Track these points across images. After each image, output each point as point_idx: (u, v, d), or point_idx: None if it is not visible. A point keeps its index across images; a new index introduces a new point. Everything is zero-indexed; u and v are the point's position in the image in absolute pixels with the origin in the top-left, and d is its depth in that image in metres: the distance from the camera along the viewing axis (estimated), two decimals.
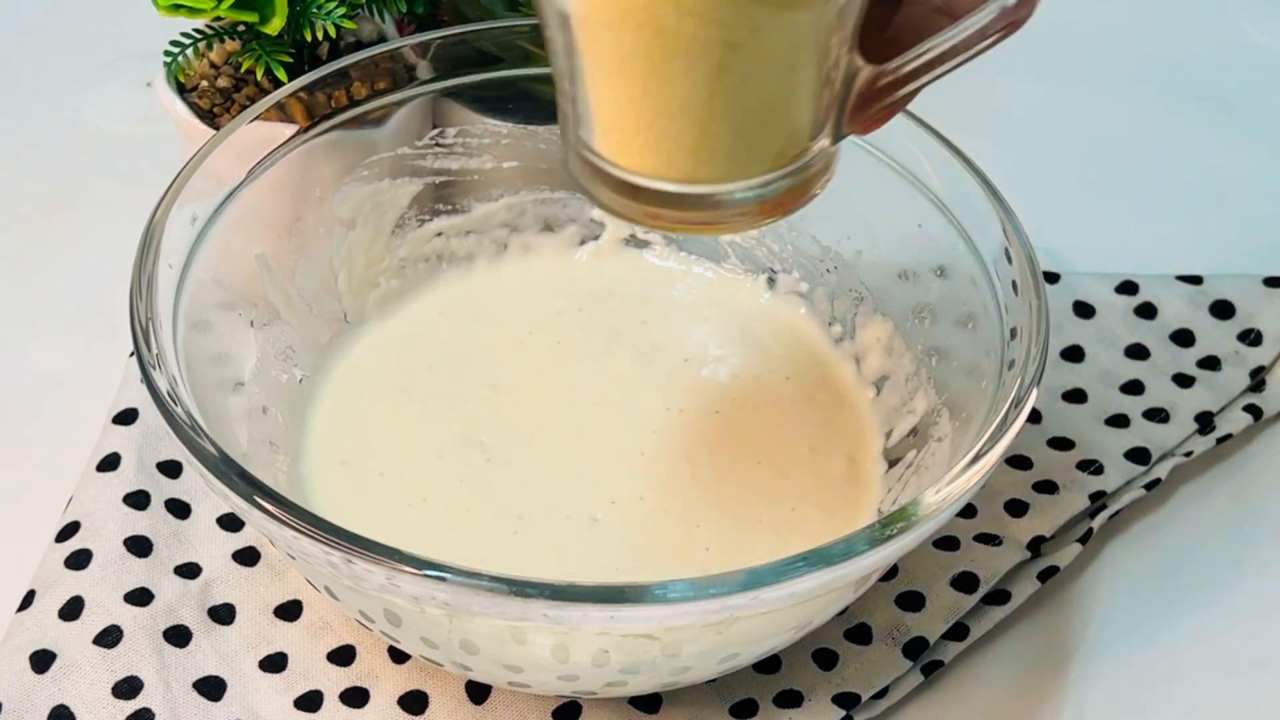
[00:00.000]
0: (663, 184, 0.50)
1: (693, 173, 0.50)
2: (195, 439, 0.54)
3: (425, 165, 0.70)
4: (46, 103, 0.86)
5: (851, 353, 0.69)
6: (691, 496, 0.63)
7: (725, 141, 0.49)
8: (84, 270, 0.77)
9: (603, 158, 0.51)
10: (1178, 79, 0.91)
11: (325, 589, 0.57)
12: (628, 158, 0.51)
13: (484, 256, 0.72)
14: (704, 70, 0.47)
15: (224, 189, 0.63)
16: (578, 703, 0.60)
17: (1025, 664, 0.63)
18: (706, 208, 0.51)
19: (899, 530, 0.52)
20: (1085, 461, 0.68)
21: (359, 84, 0.67)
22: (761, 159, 0.50)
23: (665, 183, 0.50)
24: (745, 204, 0.51)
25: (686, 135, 0.49)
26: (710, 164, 0.50)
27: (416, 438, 0.65)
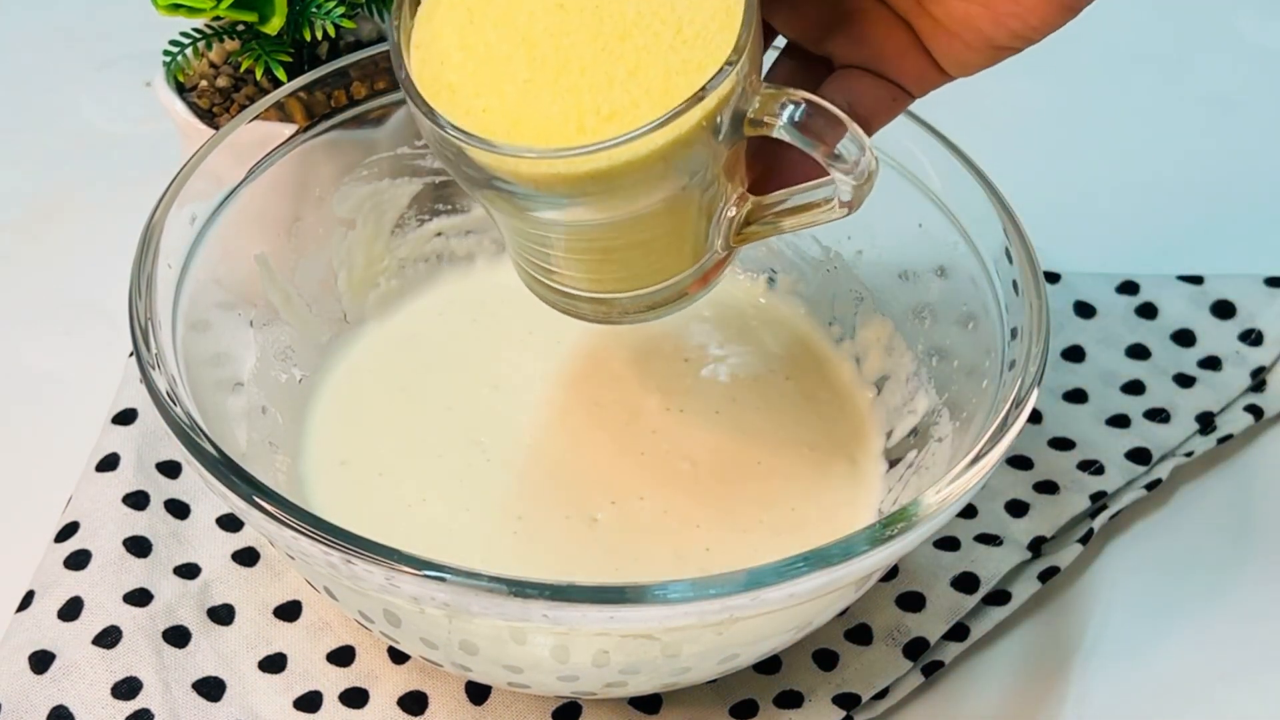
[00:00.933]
0: (591, 294, 0.57)
1: (615, 289, 0.57)
2: (194, 439, 0.54)
3: (425, 165, 0.70)
4: (46, 103, 0.86)
5: (851, 353, 0.69)
6: (691, 496, 0.63)
7: (635, 270, 0.56)
8: (84, 270, 0.77)
9: (539, 273, 0.58)
10: (1178, 79, 0.91)
11: (325, 589, 0.56)
12: (553, 279, 0.57)
13: (484, 256, 0.72)
14: (600, 250, 0.55)
15: (223, 189, 0.63)
16: (578, 703, 0.60)
17: (1026, 664, 0.63)
18: (620, 307, 0.58)
19: (899, 530, 0.52)
20: (1086, 462, 0.68)
21: (358, 84, 0.67)
22: (664, 273, 0.57)
23: (593, 293, 0.57)
24: (656, 299, 0.58)
25: (601, 274, 0.56)
26: (627, 283, 0.57)
27: (416, 438, 0.65)
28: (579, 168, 0.50)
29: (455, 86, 0.51)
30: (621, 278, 0.57)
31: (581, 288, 0.57)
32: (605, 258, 0.56)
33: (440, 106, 0.51)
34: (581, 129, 0.49)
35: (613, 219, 0.53)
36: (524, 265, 0.58)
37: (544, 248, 0.56)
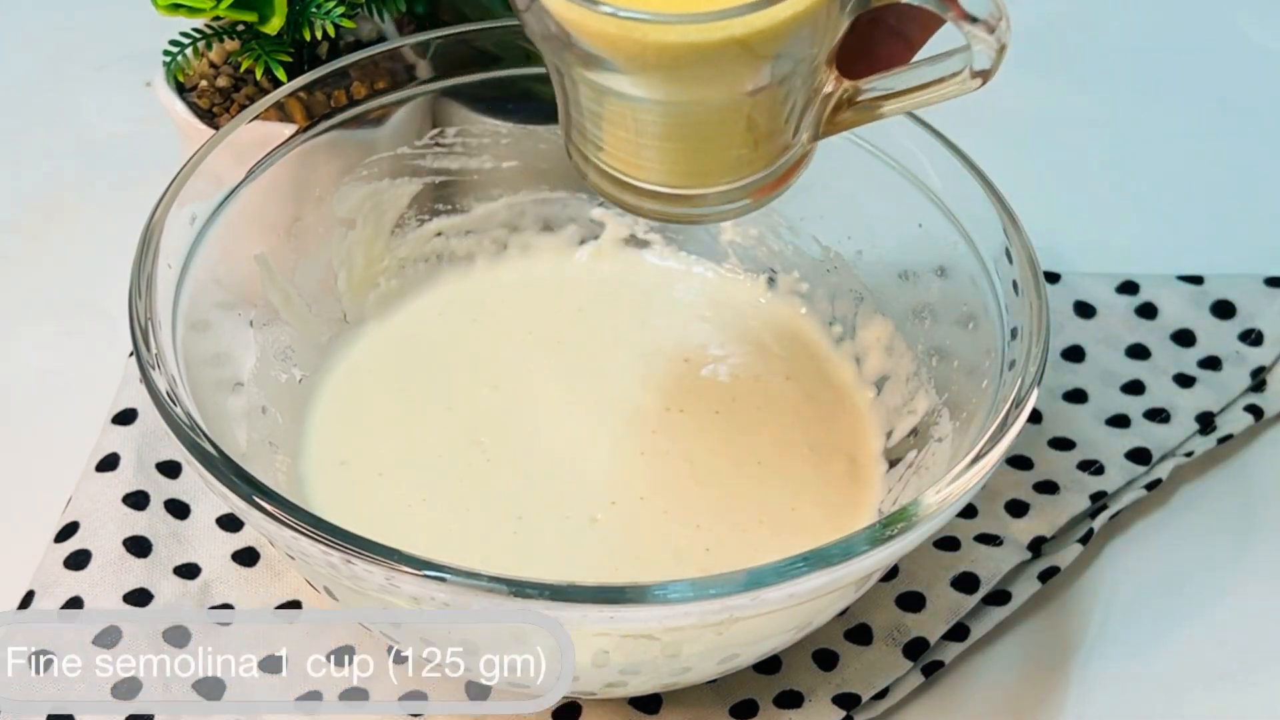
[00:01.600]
0: (663, 188, 0.55)
1: (695, 182, 0.54)
2: (195, 439, 0.54)
3: (425, 165, 0.70)
4: (46, 103, 0.86)
5: (851, 353, 0.69)
6: (691, 496, 0.63)
7: (720, 160, 0.54)
8: (84, 270, 0.77)
9: (608, 165, 0.55)
10: (1178, 79, 0.91)
11: (325, 589, 0.56)
12: (633, 170, 0.55)
13: (484, 256, 0.72)
14: (699, 121, 0.52)
15: (223, 189, 0.63)
16: (578, 703, 0.60)
17: (1025, 664, 0.63)
18: (704, 203, 0.55)
19: (899, 530, 0.52)
20: (1086, 462, 0.68)
21: (358, 84, 0.67)
22: (752, 165, 0.54)
23: (670, 188, 0.55)
24: (744, 192, 0.55)
25: (685, 160, 0.54)
26: (710, 174, 0.54)
27: (416, 438, 0.65)
28: (714, 35, 0.48)
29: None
30: (710, 169, 0.54)
31: (658, 181, 0.55)
32: (701, 145, 0.53)
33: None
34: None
35: (727, 97, 0.51)
36: (601, 159, 0.55)
37: (632, 135, 0.53)
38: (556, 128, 0.70)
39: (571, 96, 0.54)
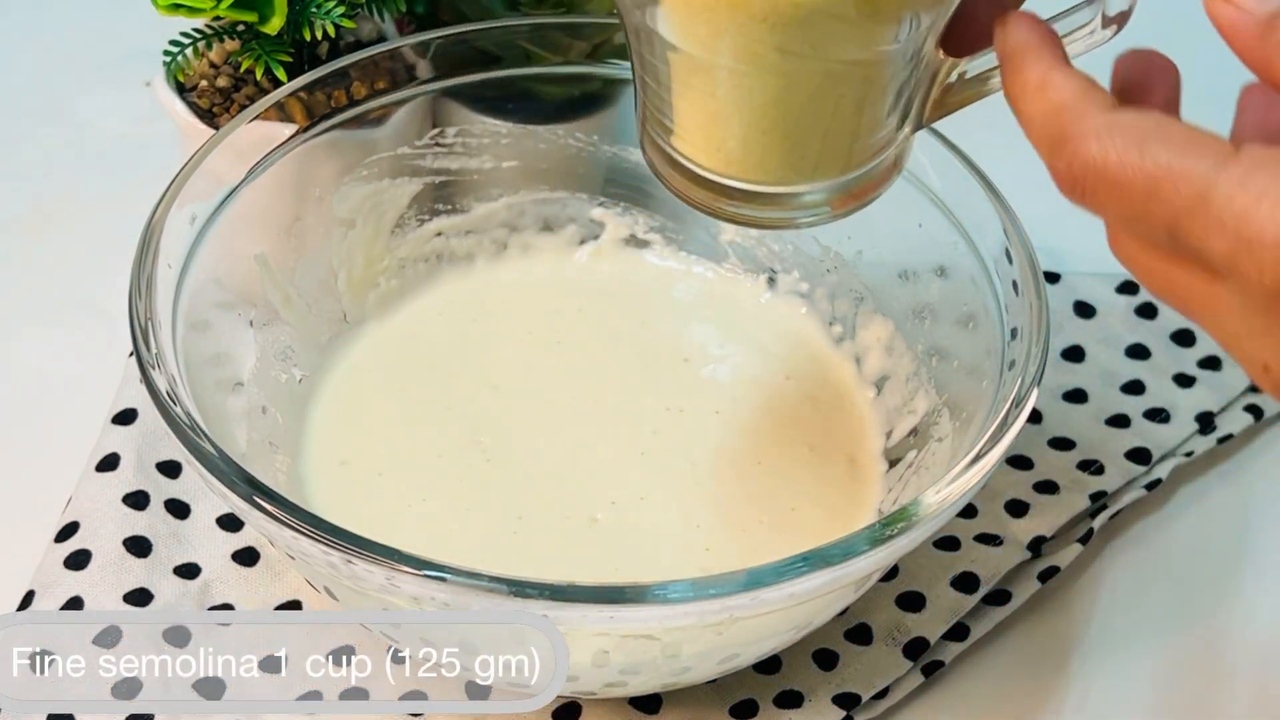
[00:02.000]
0: (749, 185, 0.51)
1: (780, 177, 0.51)
2: (195, 439, 0.54)
3: (425, 165, 0.70)
4: (46, 102, 0.86)
5: (851, 353, 0.69)
6: (691, 496, 0.63)
7: (815, 150, 0.50)
8: (84, 270, 0.77)
9: (687, 157, 0.52)
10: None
11: (325, 589, 0.56)
12: (713, 160, 0.51)
13: (484, 256, 0.72)
14: (798, 95, 0.49)
15: (223, 189, 0.63)
16: (577, 703, 0.60)
17: (1025, 664, 0.63)
18: (788, 206, 0.52)
19: (899, 530, 0.52)
20: (1086, 461, 0.68)
21: (359, 84, 0.67)
22: (849, 160, 0.51)
23: (752, 184, 0.51)
24: (825, 199, 0.52)
25: (775, 147, 0.50)
26: (799, 168, 0.51)
27: (416, 438, 0.65)
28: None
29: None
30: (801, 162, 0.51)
31: (742, 175, 0.51)
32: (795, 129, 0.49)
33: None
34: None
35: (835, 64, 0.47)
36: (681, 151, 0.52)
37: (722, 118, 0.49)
38: (557, 127, 0.71)
39: (655, 77, 0.50)
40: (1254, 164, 0.42)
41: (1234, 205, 0.42)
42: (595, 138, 0.71)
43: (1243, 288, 0.43)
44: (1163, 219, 0.44)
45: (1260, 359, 0.44)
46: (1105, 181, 0.44)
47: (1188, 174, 0.43)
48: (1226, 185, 0.42)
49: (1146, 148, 0.44)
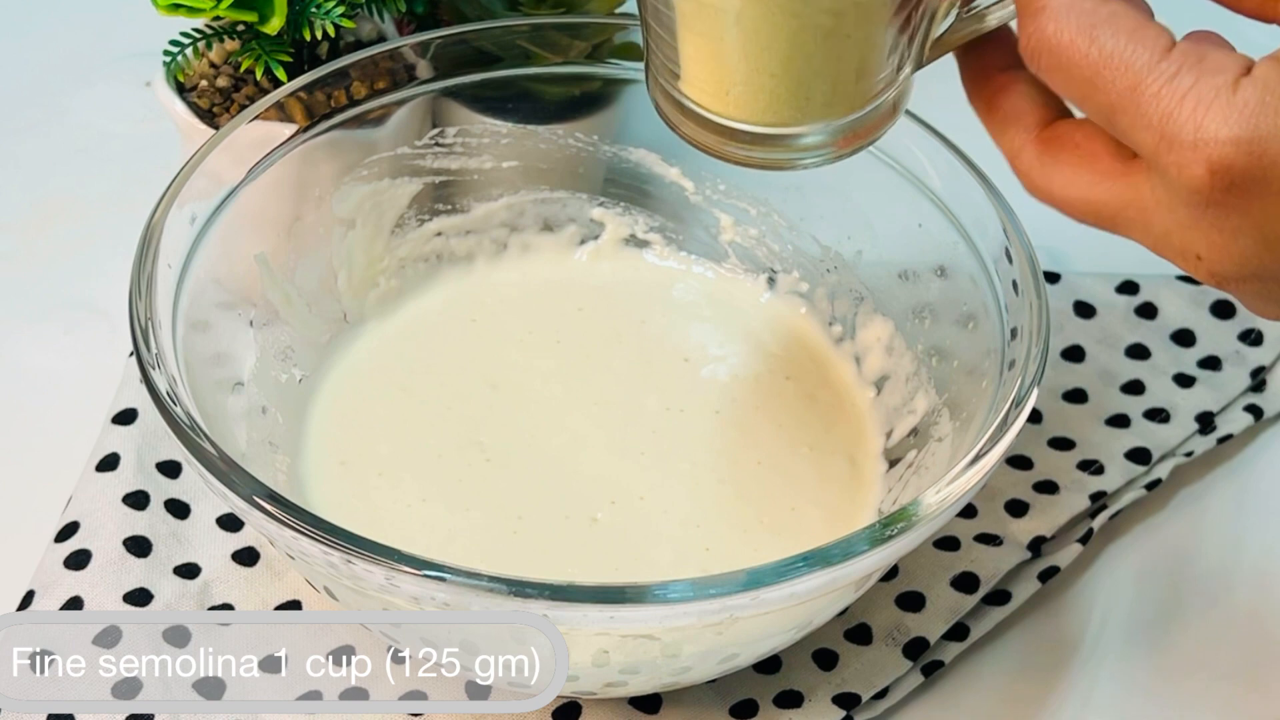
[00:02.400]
0: (756, 127, 0.52)
1: (787, 118, 0.52)
2: (195, 439, 0.54)
3: (425, 165, 0.70)
4: (46, 102, 0.86)
5: (851, 353, 0.69)
6: (691, 496, 0.63)
7: (819, 91, 0.51)
8: (84, 270, 0.77)
9: (695, 102, 0.53)
10: None
11: (325, 589, 0.56)
12: (722, 105, 0.52)
13: (484, 256, 0.72)
14: (807, 36, 0.50)
15: (223, 189, 0.63)
16: (578, 703, 0.60)
17: (1025, 664, 0.63)
18: (793, 148, 0.53)
19: (899, 530, 0.52)
20: (1086, 461, 0.68)
21: (359, 84, 0.67)
22: (852, 100, 0.52)
23: (759, 126, 0.52)
24: (829, 139, 0.53)
25: (783, 89, 0.51)
26: (805, 109, 0.52)
27: (416, 438, 0.65)
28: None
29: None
30: (804, 101, 0.52)
31: (746, 117, 0.52)
32: (798, 68, 0.50)
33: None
34: None
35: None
36: (685, 93, 0.53)
37: (727, 57, 0.50)
38: (557, 127, 0.71)
39: (662, 23, 0.51)
40: (1184, 61, 0.45)
41: (1159, 102, 0.44)
42: (595, 138, 0.71)
43: (1167, 182, 0.45)
44: (1102, 104, 0.46)
45: (1192, 250, 0.46)
46: (1056, 60, 0.46)
47: (1126, 64, 0.45)
48: (1156, 81, 0.44)
49: (1096, 32, 0.45)
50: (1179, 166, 0.44)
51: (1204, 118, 0.44)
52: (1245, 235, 0.45)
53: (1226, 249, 0.46)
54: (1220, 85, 0.44)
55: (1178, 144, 0.44)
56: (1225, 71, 0.45)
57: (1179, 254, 0.47)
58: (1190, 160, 0.44)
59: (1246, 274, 0.46)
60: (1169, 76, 0.44)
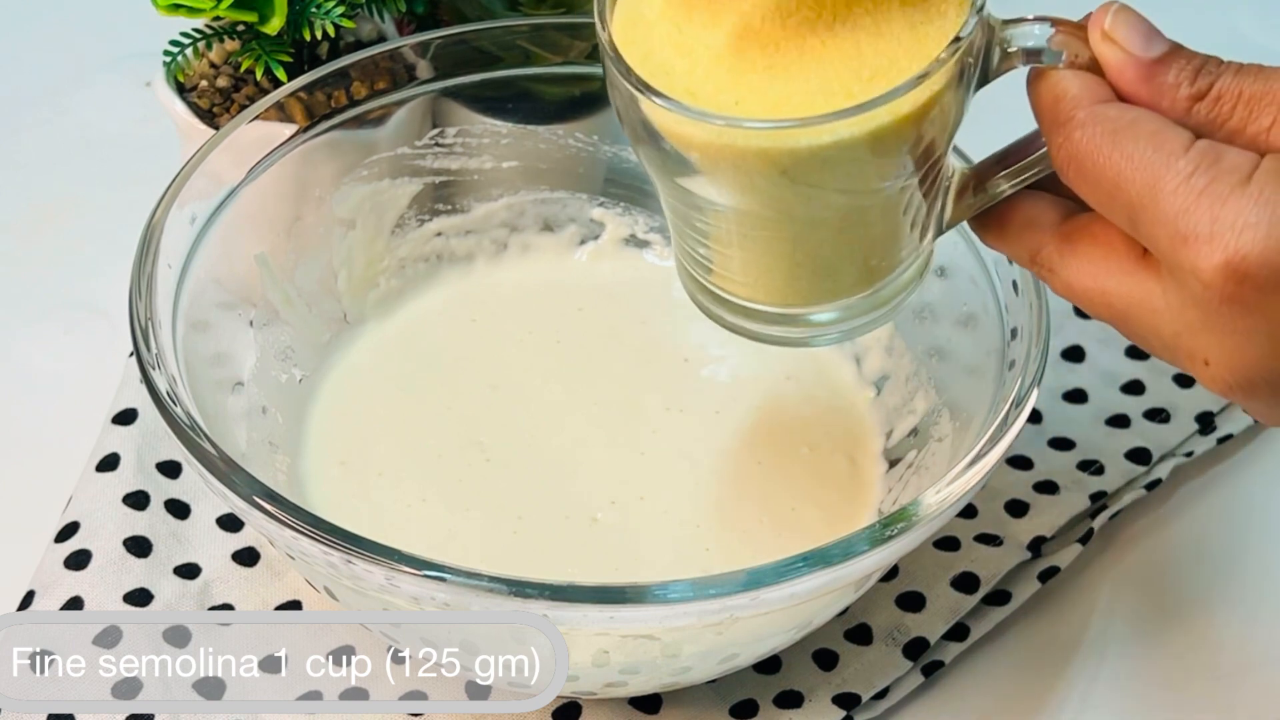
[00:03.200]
0: (779, 308, 0.54)
1: (809, 300, 0.54)
2: (195, 439, 0.54)
3: (425, 165, 0.70)
4: (46, 102, 0.86)
5: (851, 353, 0.69)
6: (691, 496, 0.63)
7: (843, 274, 0.53)
8: (84, 270, 0.77)
9: (720, 288, 0.55)
10: None
11: (325, 589, 0.56)
12: (746, 291, 0.54)
13: (484, 256, 0.72)
14: (823, 232, 0.51)
15: (223, 189, 0.63)
16: (578, 703, 0.60)
17: (1025, 664, 0.63)
18: (817, 325, 0.55)
19: (899, 530, 0.52)
20: (1086, 461, 0.68)
21: (359, 84, 0.67)
22: (874, 276, 0.53)
23: (781, 307, 0.54)
24: (853, 313, 0.54)
25: (805, 276, 0.53)
26: (828, 291, 0.53)
27: (416, 438, 0.65)
28: (861, 128, 0.47)
29: (695, 93, 0.48)
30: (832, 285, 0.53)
31: (775, 302, 0.54)
32: (824, 258, 0.52)
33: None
34: (849, 94, 0.47)
35: (870, 193, 0.50)
36: (714, 284, 0.55)
37: (749, 255, 0.52)
38: (557, 127, 0.71)
39: (689, 224, 0.53)
40: (1201, 160, 0.45)
41: (1176, 198, 0.45)
42: (595, 138, 0.71)
43: (1180, 281, 0.46)
44: (1124, 205, 0.46)
45: (1200, 354, 0.46)
46: (1082, 167, 0.47)
47: (1145, 164, 0.45)
48: (1173, 179, 0.45)
49: (1119, 138, 0.46)
50: (1193, 261, 0.44)
51: (1219, 212, 0.44)
52: (1259, 336, 0.45)
53: (1238, 352, 0.46)
54: (1235, 181, 0.44)
55: (1192, 238, 0.44)
56: (1240, 169, 0.45)
57: (1188, 358, 0.47)
58: (1204, 254, 0.44)
59: (1258, 380, 0.46)
60: (1185, 175, 0.45)
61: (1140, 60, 0.47)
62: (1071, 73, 0.48)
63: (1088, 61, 0.48)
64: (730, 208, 0.50)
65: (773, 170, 0.48)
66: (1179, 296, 0.46)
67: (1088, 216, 0.49)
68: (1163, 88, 0.47)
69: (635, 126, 0.50)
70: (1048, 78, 0.49)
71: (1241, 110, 0.47)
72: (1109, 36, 0.48)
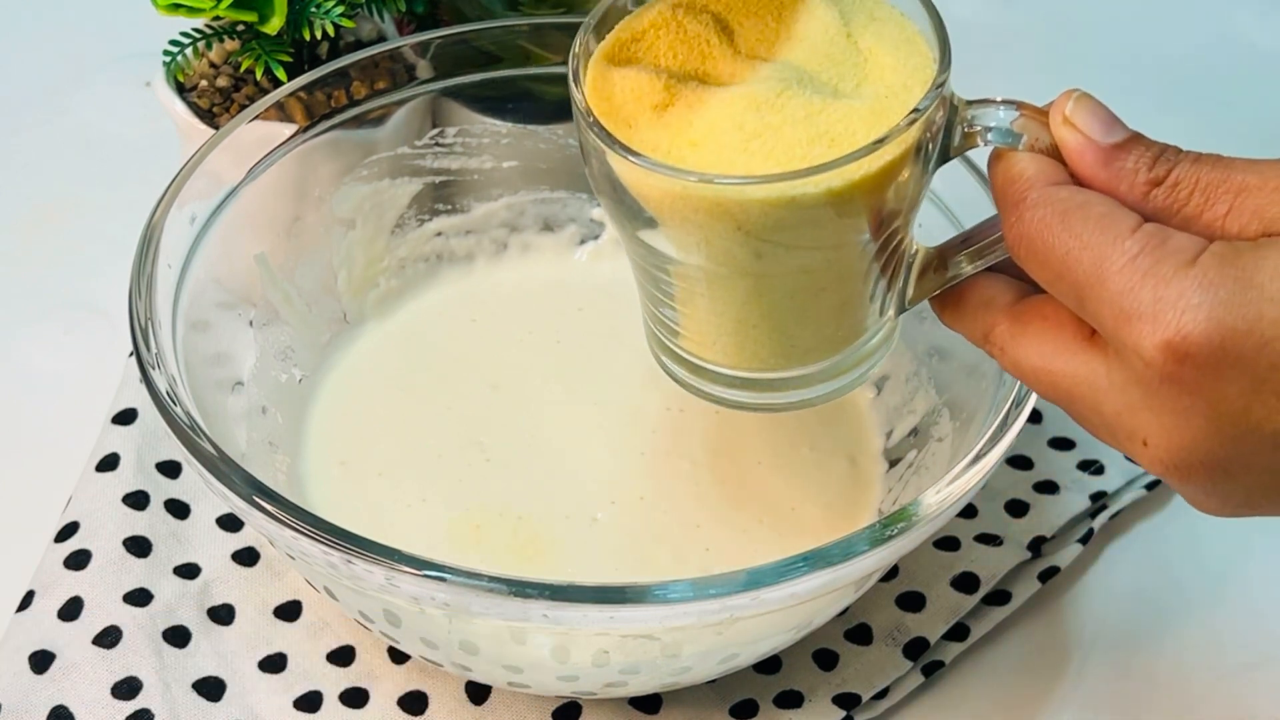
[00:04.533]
0: (742, 373, 0.55)
1: (771, 365, 0.55)
2: (194, 439, 0.54)
3: (425, 165, 0.70)
4: (46, 103, 0.86)
5: None
6: (691, 496, 0.63)
7: (802, 338, 0.54)
8: (84, 270, 0.77)
9: (688, 351, 0.56)
10: (1178, 79, 0.90)
11: (325, 589, 0.56)
12: (709, 353, 0.55)
13: (484, 256, 0.72)
14: (780, 291, 0.52)
15: (223, 189, 0.63)
16: (578, 703, 0.60)
17: (1025, 664, 0.63)
18: (782, 389, 0.55)
19: (899, 530, 0.52)
20: (1086, 461, 0.68)
21: (359, 83, 0.67)
22: (835, 344, 0.54)
23: (744, 372, 0.55)
24: (817, 379, 0.55)
25: (765, 339, 0.54)
26: (788, 356, 0.54)
27: (416, 438, 0.65)
28: (814, 188, 0.48)
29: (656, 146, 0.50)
30: (792, 350, 0.54)
31: (737, 365, 0.55)
32: (784, 322, 0.53)
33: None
34: (806, 158, 0.49)
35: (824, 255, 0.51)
36: (680, 346, 0.56)
37: (713, 315, 0.53)
38: (557, 127, 0.71)
39: (654, 284, 0.54)
40: (1148, 242, 0.46)
41: (1121, 279, 0.45)
42: None
43: (1124, 360, 0.46)
44: (1071, 285, 0.47)
45: (1140, 434, 0.47)
46: (1033, 247, 0.48)
47: (1094, 245, 0.46)
48: (1119, 259, 0.46)
49: (1069, 219, 0.47)
50: (1136, 339, 0.45)
51: (1163, 292, 0.45)
52: (1197, 416, 0.45)
53: (1176, 432, 0.46)
54: (1180, 262, 0.45)
55: (1135, 317, 0.45)
56: (1185, 251, 0.45)
57: (1127, 437, 0.48)
58: (1146, 332, 0.45)
59: (1194, 462, 0.46)
60: (1132, 255, 0.45)
61: (1099, 146, 0.48)
62: (1029, 155, 0.49)
63: (1048, 146, 0.49)
64: (689, 264, 0.51)
65: (728, 225, 0.49)
66: (1122, 375, 0.47)
67: (1040, 298, 0.50)
68: (1121, 173, 0.48)
69: (599, 179, 0.52)
70: (1006, 159, 0.49)
71: (1198, 197, 0.47)
72: (1069, 121, 0.49)
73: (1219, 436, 0.46)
